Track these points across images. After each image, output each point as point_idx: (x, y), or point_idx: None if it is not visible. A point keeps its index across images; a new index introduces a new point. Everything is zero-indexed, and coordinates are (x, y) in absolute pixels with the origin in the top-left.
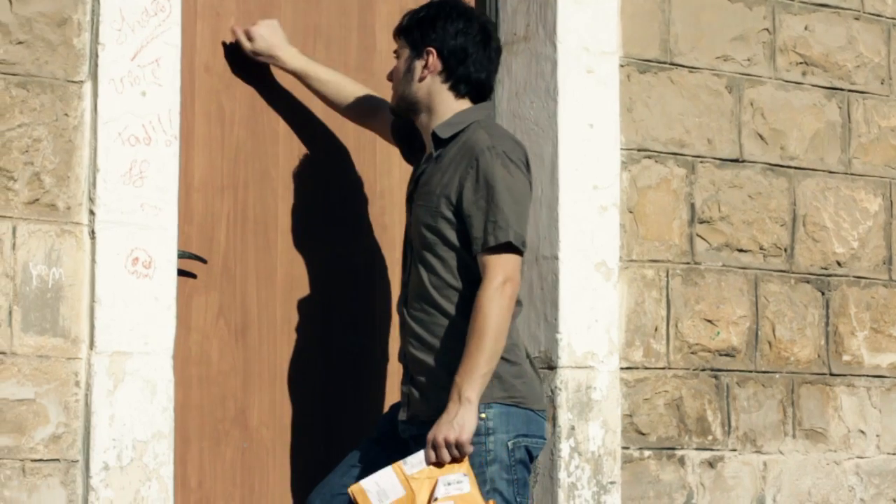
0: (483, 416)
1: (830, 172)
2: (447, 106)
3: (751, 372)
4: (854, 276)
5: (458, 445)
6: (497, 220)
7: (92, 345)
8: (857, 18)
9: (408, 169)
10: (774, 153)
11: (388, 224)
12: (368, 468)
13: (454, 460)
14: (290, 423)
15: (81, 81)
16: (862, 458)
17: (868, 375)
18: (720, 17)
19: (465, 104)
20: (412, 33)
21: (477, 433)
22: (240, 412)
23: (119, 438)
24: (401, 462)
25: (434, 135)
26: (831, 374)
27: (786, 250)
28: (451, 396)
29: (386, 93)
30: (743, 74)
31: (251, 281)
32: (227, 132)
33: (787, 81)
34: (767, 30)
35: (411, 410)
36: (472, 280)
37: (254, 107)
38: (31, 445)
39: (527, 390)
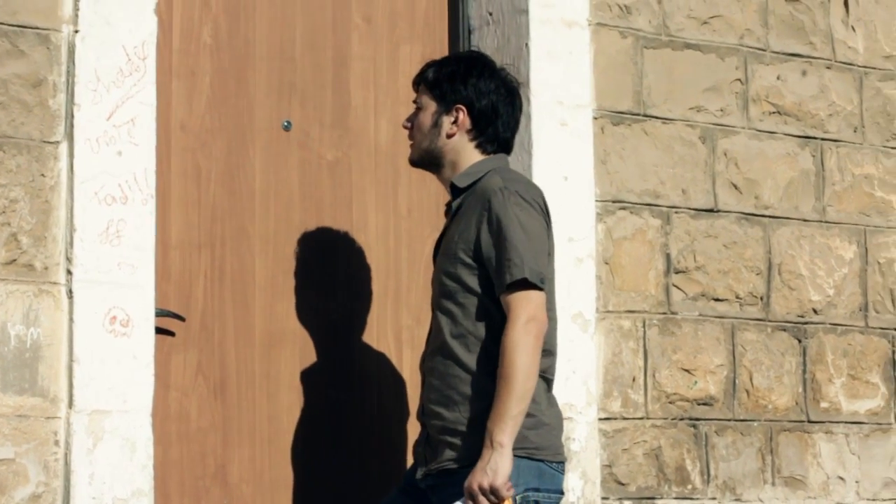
0: None
1: (805, 221)
2: (468, 161)
3: (729, 420)
4: (830, 324)
5: (494, 491)
6: (512, 257)
7: (71, 404)
8: (828, 67)
9: (385, 228)
10: (749, 202)
11: (366, 279)
12: None
13: None
14: (270, 478)
15: (57, 142)
16: None
17: (846, 422)
18: (692, 69)
19: (481, 157)
20: (441, 87)
21: None
22: (219, 468)
23: (99, 497)
24: None
25: (452, 185)
26: (809, 422)
27: (762, 299)
28: (485, 443)
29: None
30: (716, 125)
31: (229, 338)
32: (203, 190)
33: (760, 131)
34: (740, 80)
35: (427, 468)
36: (493, 328)
37: (229, 164)
38: None
39: (541, 441)
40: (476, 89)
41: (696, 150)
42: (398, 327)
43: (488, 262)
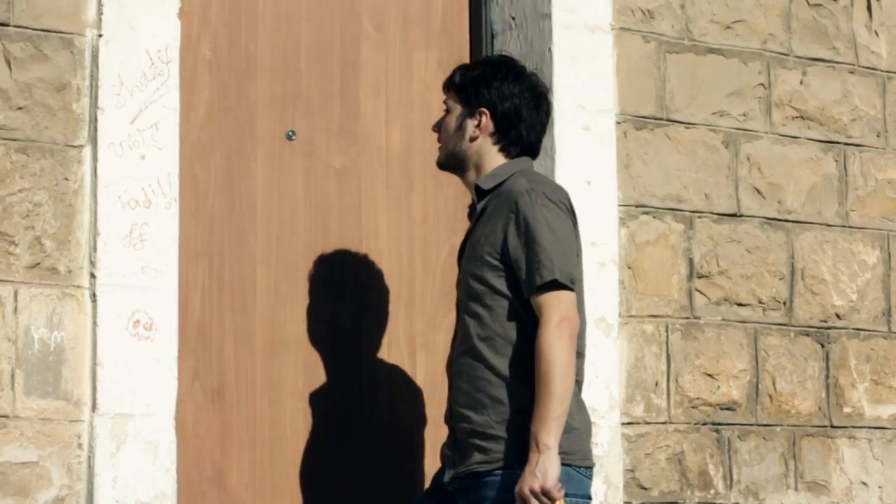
0: (519, 472)
1: (828, 225)
2: (493, 164)
3: (752, 425)
4: (853, 329)
5: (545, 493)
6: (541, 259)
7: (94, 407)
8: (851, 72)
9: (398, 234)
10: (772, 207)
11: (376, 285)
12: None
13: None
14: (272, 483)
15: (81, 146)
16: None
17: (869, 427)
18: (715, 73)
19: (505, 160)
20: (465, 90)
21: (512, 490)
22: (217, 473)
23: (122, 500)
24: None
25: (477, 187)
26: (832, 427)
27: (785, 303)
28: (531, 447)
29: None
30: (739, 129)
31: (228, 344)
32: (200, 200)
33: (783, 136)
34: (763, 85)
35: (455, 470)
36: (522, 329)
37: (229, 175)
38: None
39: (570, 446)
40: (499, 93)
41: (719, 155)
42: (411, 333)
43: (516, 263)
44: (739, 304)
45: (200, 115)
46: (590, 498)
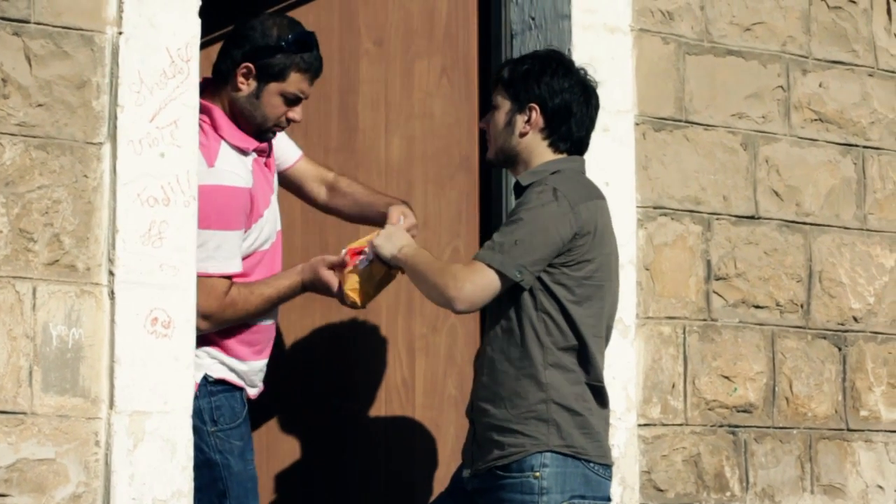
0: (537, 474)
1: (846, 228)
2: (542, 160)
3: (768, 428)
4: (871, 332)
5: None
6: (495, 238)
7: (112, 404)
8: (871, 75)
9: None
10: (790, 210)
11: None
12: None
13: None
14: (266, 479)
15: (100, 143)
16: None
17: (886, 430)
18: (735, 75)
19: (558, 156)
20: (514, 86)
21: (530, 492)
22: None
23: (139, 498)
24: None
25: (516, 184)
26: (849, 430)
27: (802, 306)
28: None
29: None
30: (758, 132)
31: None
32: None
33: (801, 138)
34: (782, 87)
35: (474, 467)
36: (540, 322)
37: None
38: None
39: (587, 443)
40: (549, 88)
41: (737, 157)
42: (411, 336)
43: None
44: (757, 307)
45: None
46: (609, 500)
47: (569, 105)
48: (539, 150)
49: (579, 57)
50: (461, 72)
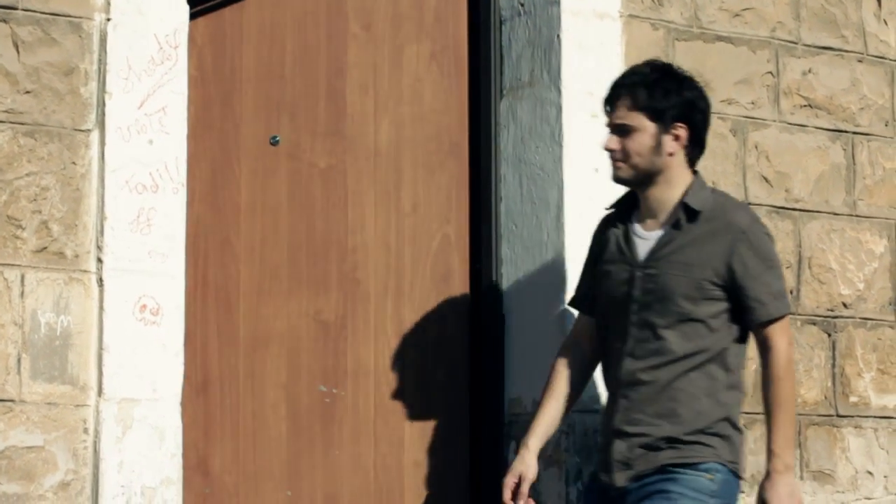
0: (711, 477)
1: (835, 214)
2: (680, 176)
3: (758, 414)
4: (860, 318)
5: None
6: (774, 291)
7: (100, 392)
8: (860, 61)
9: (385, 227)
10: (779, 196)
11: (362, 279)
12: None
13: None
14: (255, 469)
15: (89, 130)
16: (870, 499)
17: (875, 416)
18: (724, 61)
19: (689, 171)
20: (655, 106)
21: (702, 490)
22: (201, 461)
23: (128, 485)
24: None
25: (686, 206)
26: (838, 416)
27: (792, 292)
28: (774, 466)
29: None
30: (747, 118)
31: (212, 340)
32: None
33: (791, 124)
34: (771, 73)
35: (634, 469)
36: (727, 348)
37: (214, 183)
38: (40, 493)
39: (733, 456)
40: (689, 103)
41: (726, 143)
42: (400, 324)
43: (742, 290)
44: None
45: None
46: None
47: (706, 116)
48: (681, 167)
49: (568, 43)
50: (450, 57)
